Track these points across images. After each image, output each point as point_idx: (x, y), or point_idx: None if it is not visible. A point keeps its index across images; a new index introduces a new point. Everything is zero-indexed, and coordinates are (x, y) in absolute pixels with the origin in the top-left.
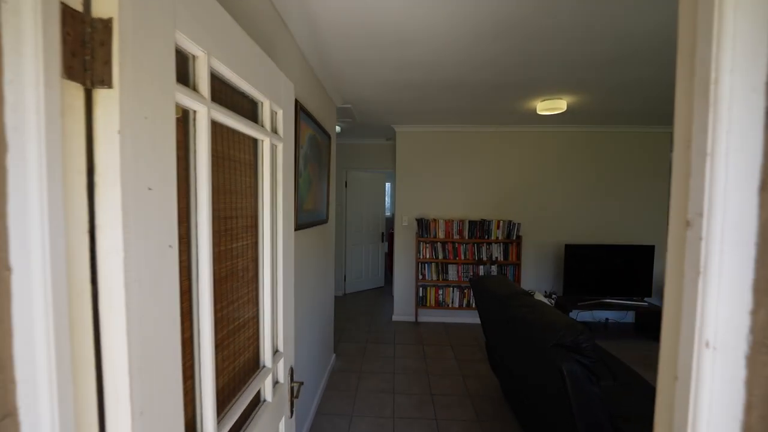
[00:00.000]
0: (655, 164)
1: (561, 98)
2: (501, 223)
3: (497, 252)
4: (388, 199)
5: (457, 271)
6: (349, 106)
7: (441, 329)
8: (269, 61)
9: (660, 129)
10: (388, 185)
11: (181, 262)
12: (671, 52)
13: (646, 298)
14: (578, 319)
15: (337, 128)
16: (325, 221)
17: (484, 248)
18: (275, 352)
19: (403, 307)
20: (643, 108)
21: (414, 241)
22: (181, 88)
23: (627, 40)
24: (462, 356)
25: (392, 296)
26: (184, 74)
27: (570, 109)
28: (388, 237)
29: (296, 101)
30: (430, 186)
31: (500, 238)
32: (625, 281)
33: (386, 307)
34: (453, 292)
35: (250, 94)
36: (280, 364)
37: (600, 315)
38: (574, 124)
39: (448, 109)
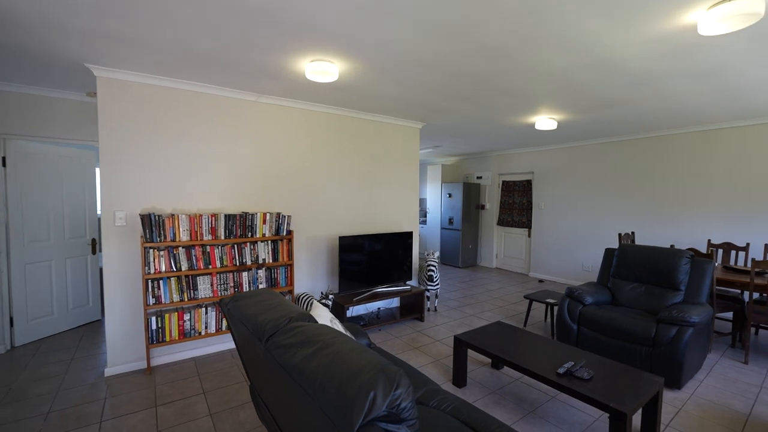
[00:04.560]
0: (406, 156)
1: (332, 61)
2: (268, 217)
3: (264, 252)
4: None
5: (212, 284)
6: None
7: (190, 370)
8: None
9: (410, 123)
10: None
11: None
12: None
13: (407, 282)
14: (353, 314)
15: None
16: None
17: (247, 249)
18: None
19: (123, 351)
20: (406, 96)
21: (139, 248)
22: None
23: None
24: (220, 405)
25: None
26: None
27: (341, 81)
28: None
29: None
30: (163, 168)
31: (267, 235)
32: (391, 268)
33: (99, 354)
34: (207, 314)
35: None
36: None
37: (373, 306)
38: (343, 107)
39: (185, 46)
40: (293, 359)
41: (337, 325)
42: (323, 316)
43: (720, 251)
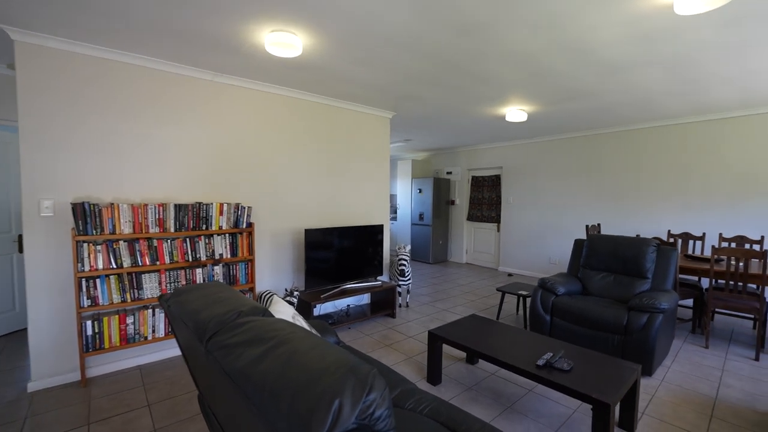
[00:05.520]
0: (376, 146)
1: (295, 33)
2: (225, 208)
3: (222, 247)
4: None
5: (160, 282)
6: None
7: (134, 380)
8: None
9: (381, 113)
10: None
11: None
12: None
13: (378, 277)
14: (321, 312)
15: None
16: None
17: (202, 243)
18: None
19: (51, 361)
20: (376, 80)
21: (70, 241)
22: None
23: None
24: (167, 419)
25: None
26: None
27: (305, 57)
28: None
29: None
30: (100, 151)
31: (225, 227)
32: (361, 263)
33: (24, 367)
34: (154, 316)
35: None
36: None
37: (342, 303)
38: (309, 91)
39: (125, 7)
40: (238, 361)
41: (300, 322)
42: (284, 312)
43: (679, 241)
